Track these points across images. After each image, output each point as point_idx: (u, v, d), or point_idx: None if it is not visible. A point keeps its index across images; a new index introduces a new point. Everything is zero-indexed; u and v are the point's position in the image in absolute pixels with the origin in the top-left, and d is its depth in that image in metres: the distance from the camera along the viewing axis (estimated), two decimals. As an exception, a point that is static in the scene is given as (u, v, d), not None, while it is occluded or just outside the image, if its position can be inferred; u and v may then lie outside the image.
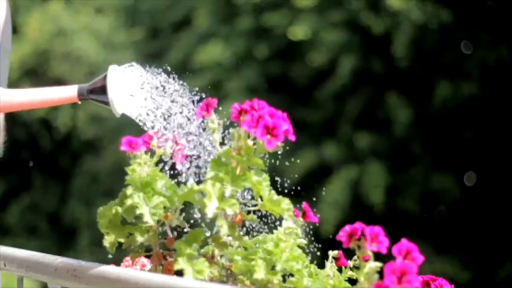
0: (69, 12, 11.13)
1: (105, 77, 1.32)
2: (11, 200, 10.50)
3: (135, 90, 1.30)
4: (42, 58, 10.68)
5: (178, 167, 1.24)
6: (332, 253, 1.25)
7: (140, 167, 1.18)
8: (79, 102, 1.39)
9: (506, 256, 7.19)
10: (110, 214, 1.17)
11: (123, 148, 1.21)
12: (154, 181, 1.17)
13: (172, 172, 1.23)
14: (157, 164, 1.22)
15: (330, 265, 1.24)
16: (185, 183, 1.19)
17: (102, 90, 1.32)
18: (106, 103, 1.33)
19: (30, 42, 10.57)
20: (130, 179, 1.17)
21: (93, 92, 1.34)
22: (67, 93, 1.37)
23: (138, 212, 1.13)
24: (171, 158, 1.24)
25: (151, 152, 1.22)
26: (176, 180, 1.22)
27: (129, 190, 1.15)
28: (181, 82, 1.31)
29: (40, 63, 10.68)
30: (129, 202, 1.14)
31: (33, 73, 10.51)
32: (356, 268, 1.04)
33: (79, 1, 11.44)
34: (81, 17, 11.12)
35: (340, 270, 1.24)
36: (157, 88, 1.29)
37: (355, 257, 1.05)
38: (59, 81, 10.69)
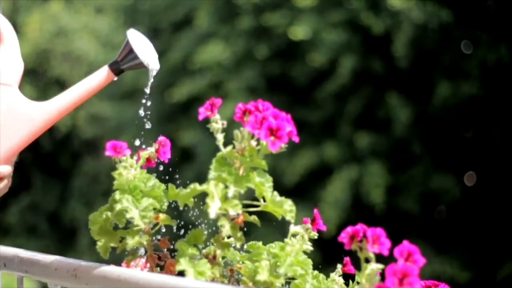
0: (69, 12, 11.14)
1: (127, 42, 1.33)
2: (11, 200, 10.50)
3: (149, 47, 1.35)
4: (42, 58, 10.69)
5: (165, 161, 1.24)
6: (339, 266, 1.24)
7: (127, 171, 1.17)
8: (115, 78, 1.36)
9: (506, 256, 7.19)
10: (101, 220, 1.16)
11: (107, 153, 1.18)
12: (142, 183, 1.16)
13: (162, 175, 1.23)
14: (141, 167, 1.21)
15: (336, 275, 1.23)
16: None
17: (131, 54, 1.32)
18: (139, 64, 1.33)
19: (30, 42, 10.57)
20: (118, 183, 1.16)
21: (124, 60, 1.34)
22: (101, 76, 1.34)
23: (128, 216, 1.13)
24: (158, 158, 1.23)
25: (136, 155, 1.21)
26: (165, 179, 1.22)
27: (117, 195, 1.15)
28: None
29: (40, 63, 10.69)
30: (118, 207, 1.13)
31: (33, 73, 10.52)
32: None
33: (79, 1, 11.45)
34: (81, 17, 11.14)
35: (345, 277, 1.24)
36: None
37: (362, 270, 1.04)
38: (59, 81, 10.70)
